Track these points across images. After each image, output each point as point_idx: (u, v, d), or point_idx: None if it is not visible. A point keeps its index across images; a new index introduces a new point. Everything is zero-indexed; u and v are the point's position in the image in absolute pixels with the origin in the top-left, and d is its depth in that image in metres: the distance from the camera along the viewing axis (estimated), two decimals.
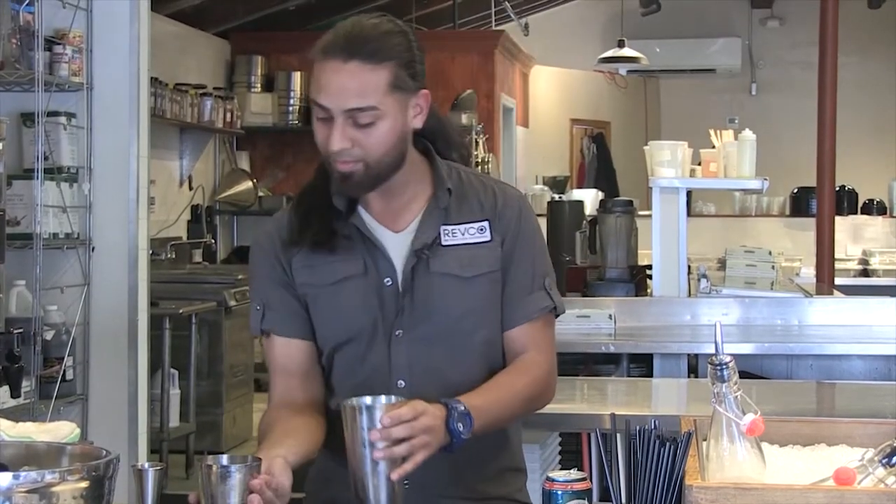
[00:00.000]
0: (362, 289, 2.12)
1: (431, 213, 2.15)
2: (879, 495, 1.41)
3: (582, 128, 12.86)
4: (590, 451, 3.64)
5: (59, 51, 4.60)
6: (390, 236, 2.14)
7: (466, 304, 2.11)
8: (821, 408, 3.73)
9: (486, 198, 2.18)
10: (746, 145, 5.26)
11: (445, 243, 2.13)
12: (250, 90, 9.31)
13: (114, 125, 4.72)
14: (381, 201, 2.14)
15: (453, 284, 2.11)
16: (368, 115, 2.01)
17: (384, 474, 1.86)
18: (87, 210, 4.69)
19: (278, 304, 2.18)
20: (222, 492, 1.83)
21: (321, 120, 2.04)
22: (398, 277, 2.12)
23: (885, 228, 9.82)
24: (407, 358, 2.11)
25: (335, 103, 2.01)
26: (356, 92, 2.00)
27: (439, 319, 2.11)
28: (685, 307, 5.13)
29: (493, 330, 2.15)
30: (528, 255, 2.19)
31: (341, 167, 2.04)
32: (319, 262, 2.14)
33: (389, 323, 2.12)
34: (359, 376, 2.14)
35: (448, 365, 2.12)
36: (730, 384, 1.56)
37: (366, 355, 2.13)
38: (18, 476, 1.52)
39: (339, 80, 2.01)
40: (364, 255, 2.13)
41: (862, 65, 11.64)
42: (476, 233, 2.14)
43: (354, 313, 2.13)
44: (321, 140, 2.05)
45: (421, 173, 2.17)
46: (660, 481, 1.49)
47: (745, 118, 10.91)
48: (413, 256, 2.12)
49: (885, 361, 4.59)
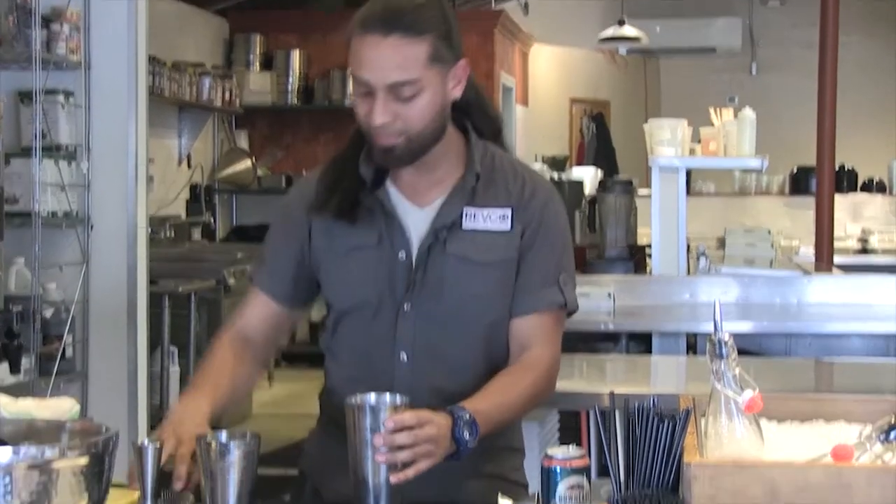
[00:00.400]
0: (374, 259, 2.14)
1: (457, 193, 2.14)
2: (877, 471, 1.41)
3: (581, 107, 12.84)
4: (588, 428, 3.65)
5: (57, 29, 4.59)
6: (413, 211, 2.15)
7: (477, 289, 2.11)
8: (819, 385, 3.73)
9: (515, 185, 2.18)
10: (746, 124, 5.26)
11: (466, 226, 2.13)
12: (249, 69, 9.29)
13: (112, 103, 4.71)
14: (411, 175, 2.15)
15: (467, 268, 2.12)
16: (410, 88, 2.02)
17: (385, 474, 1.86)
18: (85, 188, 4.68)
19: (274, 263, 2.24)
20: (221, 468, 1.83)
21: (362, 95, 2.04)
22: (413, 253, 2.13)
23: (884, 207, 9.83)
24: (413, 333, 2.12)
25: (377, 78, 2.01)
26: (398, 65, 2.01)
27: (449, 300, 2.12)
28: (684, 286, 5.13)
29: (499, 316, 2.15)
30: (547, 248, 2.17)
31: (383, 141, 2.05)
32: (338, 229, 2.16)
33: (399, 296, 2.13)
34: (362, 346, 2.17)
35: (451, 344, 2.13)
36: (728, 362, 1.56)
37: (371, 325, 2.15)
38: (18, 452, 1.53)
39: (381, 55, 2.01)
40: (381, 226, 2.14)
41: (862, 45, 11.62)
42: (498, 220, 2.14)
43: (363, 283, 2.14)
44: (363, 115, 2.05)
45: (456, 151, 2.17)
46: (658, 458, 1.49)
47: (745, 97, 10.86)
48: (431, 235, 2.12)
49: (884, 339, 4.60)
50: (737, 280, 5.16)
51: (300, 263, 2.21)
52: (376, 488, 1.87)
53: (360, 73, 2.02)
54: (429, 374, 2.12)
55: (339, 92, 9.31)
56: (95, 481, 1.57)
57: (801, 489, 1.40)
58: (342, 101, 9.17)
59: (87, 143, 4.69)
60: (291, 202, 2.26)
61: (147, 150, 4.87)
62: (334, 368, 2.25)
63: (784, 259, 6.06)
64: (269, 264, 2.25)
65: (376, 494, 1.87)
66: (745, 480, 1.40)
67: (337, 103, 9.27)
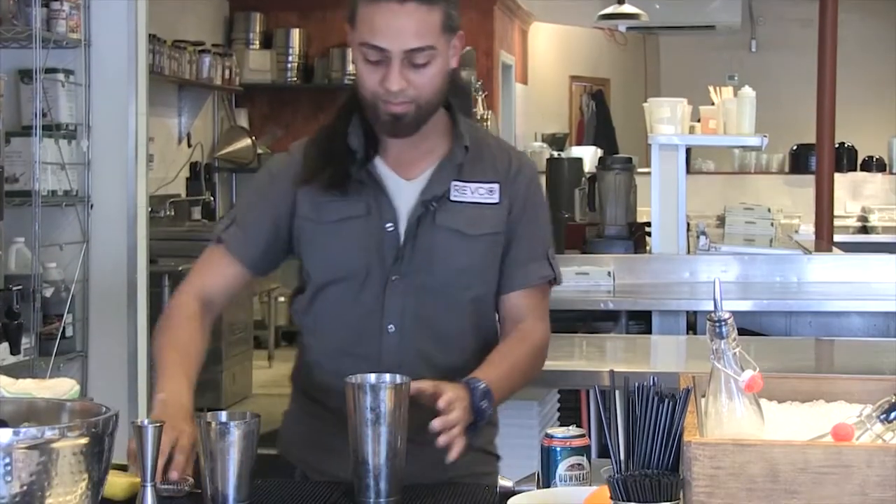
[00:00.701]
0: (362, 230, 2.15)
1: (445, 166, 2.17)
2: (877, 451, 1.41)
3: (581, 85, 12.81)
4: (588, 407, 3.66)
5: (57, 7, 4.58)
6: (401, 183, 2.17)
7: (465, 261, 2.14)
8: (819, 364, 3.73)
9: (501, 161, 2.21)
10: (746, 102, 5.25)
11: (454, 199, 2.16)
12: (249, 47, 9.26)
13: (112, 82, 4.70)
14: (399, 148, 2.17)
15: (456, 240, 2.14)
16: (425, 55, 2.04)
17: (385, 454, 1.87)
18: (85, 167, 4.68)
19: (249, 227, 2.22)
20: (221, 448, 1.83)
21: (371, 63, 2.05)
22: (401, 224, 2.14)
23: (884, 185, 9.82)
24: (401, 304, 2.13)
25: (395, 44, 2.03)
26: (415, 32, 2.03)
27: (438, 271, 2.14)
28: (684, 264, 5.14)
29: (485, 289, 2.19)
30: (534, 223, 2.22)
31: (394, 108, 2.06)
32: (326, 200, 2.16)
33: (387, 267, 2.14)
34: (349, 317, 2.17)
35: (439, 315, 2.15)
36: (728, 341, 1.56)
37: (358, 296, 2.15)
38: (18, 432, 1.52)
39: (399, 22, 2.02)
40: (369, 198, 2.15)
41: (862, 22, 11.58)
42: (486, 193, 2.17)
43: (351, 253, 2.15)
44: (371, 83, 2.06)
45: (443, 126, 2.19)
46: (658, 438, 1.49)
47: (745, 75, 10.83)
48: (421, 206, 2.14)
49: (884, 318, 4.60)
50: (737, 258, 5.17)
51: (276, 233, 2.20)
52: (376, 468, 1.87)
53: (375, 40, 2.03)
54: (416, 344, 2.13)
55: (339, 70, 9.28)
56: (95, 461, 1.57)
57: (801, 469, 1.39)
58: (342, 79, 9.14)
59: (88, 121, 4.68)
60: (276, 171, 2.26)
61: (147, 129, 4.86)
62: (314, 343, 2.24)
63: (784, 237, 6.05)
64: (244, 228, 2.22)
65: (376, 475, 1.87)
66: (745, 459, 1.40)
67: (336, 82, 9.24)
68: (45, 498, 1.52)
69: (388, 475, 1.87)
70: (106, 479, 1.63)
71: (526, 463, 2.06)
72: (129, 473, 1.90)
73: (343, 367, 2.08)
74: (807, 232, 7.45)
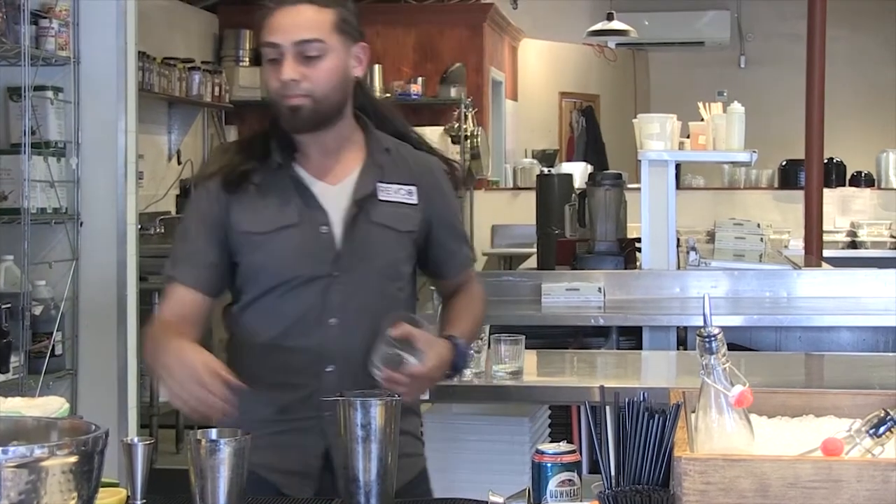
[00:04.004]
0: (297, 236, 2.27)
1: (369, 168, 2.33)
2: (867, 465, 1.41)
3: (571, 101, 12.84)
4: (579, 423, 3.66)
5: (46, 24, 4.58)
6: (327, 188, 2.30)
7: (396, 254, 2.32)
8: (809, 379, 3.74)
9: (415, 164, 2.39)
10: (735, 118, 5.26)
11: (381, 198, 2.32)
12: (238, 64, 9.27)
13: (101, 99, 4.70)
14: (317, 156, 2.31)
15: (390, 235, 2.31)
16: (315, 47, 2.22)
17: (376, 471, 1.86)
18: (74, 185, 4.67)
19: (197, 258, 2.31)
20: (211, 466, 1.83)
21: (271, 62, 2.24)
22: (334, 226, 2.28)
23: (872, 200, 9.83)
24: (343, 297, 2.27)
25: (286, 37, 2.21)
26: (305, 26, 2.21)
27: (375, 264, 2.30)
28: (674, 280, 5.14)
29: (407, 279, 2.37)
30: (454, 214, 2.47)
31: (290, 101, 2.23)
32: (257, 210, 2.28)
33: (328, 266, 2.27)
34: (291, 315, 2.28)
35: (376, 305, 2.27)
36: (718, 356, 1.56)
37: (300, 295, 2.27)
38: (7, 451, 1.52)
39: (290, 18, 2.22)
40: (299, 204, 2.28)
41: (851, 38, 11.63)
42: (406, 194, 2.35)
43: (290, 259, 2.27)
44: (273, 81, 2.25)
45: (356, 137, 2.36)
46: (649, 453, 1.49)
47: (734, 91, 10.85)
48: (354, 206, 2.29)
49: (873, 333, 4.61)
50: (726, 274, 5.17)
51: (220, 254, 2.30)
52: (367, 485, 1.87)
53: (270, 37, 2.23)
54: (358, 334, 2.25)
55: None
56: (85, 480, 1.57)
57: (791, 483, 1.40)
58: None
59: (77, 139, 4.68)
60: (202, 192, 2.34)
61: (137, 146, 4.85)
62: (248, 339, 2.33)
63: (773, 252, 6.06)
64: (190, 258, 2.31)
65: (367, 491, 1.87)
66: (735, 474, 1.41)
67: None
68: None
69: (379, 492, 1.87)
70: (96, 498, 1.63)
71: (517, 479, 2.06)
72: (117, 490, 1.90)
73: (283, 358, 2.26)
74: (796, 247, 7.46)
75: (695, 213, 8.41)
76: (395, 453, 1.89)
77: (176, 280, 2.30)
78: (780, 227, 8.56)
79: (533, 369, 3.54)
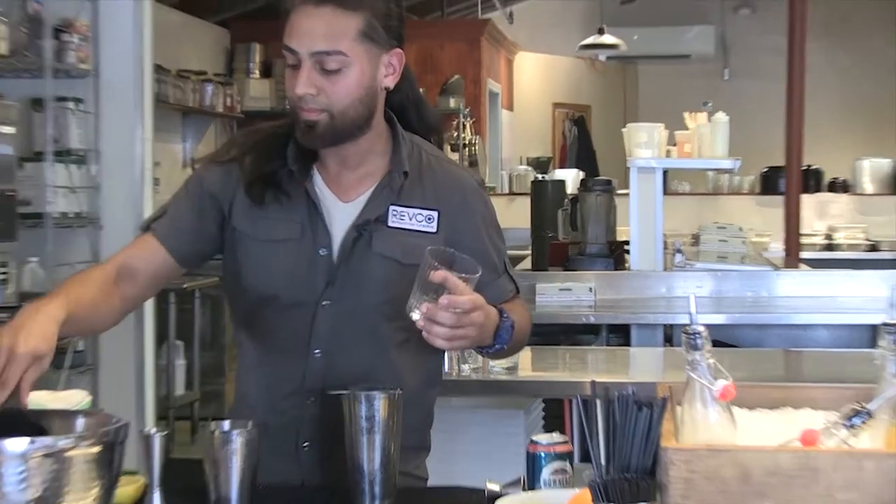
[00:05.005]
0: (294, 253, 2.00)
1: (383, 190, 2.02)
2: (843, 455, 1.42)
3: (564, 111, 12.84)
4: (571, 416, 3.66)
5: (67, 39, 4.59)
6: (338, 205, 2.02)
7: (398, 289, 1.90)
8: (788, 374, 3.74)
9: (444, 189, 2.06)
10: (719, 127, 5.26)
11: (391, 224, 2.01)
12: (249, 76, 9.27)
13: (119, 110, 4.71)
14: (336, 168, 2.03)
15: (391, 268, 1.99)
16: (335, 59, 1.90)
17: (379, 460, 1.87)
18: (94, 190, 4.68)
19: (177, 220, 2.07)
20: (224, 455, 1.83)
21: (291, 67, 1.92)
22: (334, 249, 2.00)
23: (848, 205, 9.83)
24: (329, 328, 2.00)
25: (303, 46, 1.90)
26: (324, 35, 1.89)
27: (368, 298, 1.99)
28: (661, 280, 5.14)
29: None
30: (487, 246, 2.08)
31: (306, 115, 1.92)
32: (260, 214, 2.02)
33: (318, 291, 2.00)
34: (275, 338, 2.05)
35: (365, 341, 2.01)
36: (703, 352, 1.56)
37: (287, 318, 2.02)
38: (34, 441, 1.52)
39: (309, 23, 1.90)
40: (304, 219, 2.01)
41: (829, 52, 11.62)
42: (424, 221, 2.02)
43: (282, 277, 2.01)
44: (289, 87, 1.93)
45: (383, 146, 2.04)
46: (637, 444, 1.49)
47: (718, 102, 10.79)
48: (355, 230, 2.00)
49: (848, 330, 4.61)
50: (710, 275, 5.17)
51: (202, 230, 2.06)
52: (371, 474, 1.87)
53: (289, 42, 1.91)
54: (341, 366, 2.00)
55: None
56: (106, 469, 1.57)
57: (771, 472, 1.40)
58: None
59: (96, 147, 4.69)
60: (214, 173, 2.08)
61: (153, 154, 4.86)
62: (244, 362, 2.13)
63: (755, 254, 6.06)
64: (173, 221, 2.07)
65: (371, 480, 1.87)
66: (718, 464, 1.41)
67: None
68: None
69: (382, 480, 1.87)
70: (117, 486, 1.63)
71: (512, 468, 2.06)
72: (135, 479, 1.90)
73: (268, 381, 2.05)
74: (776, 249, 7.45)
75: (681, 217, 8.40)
76: (397, 444, 1.89)
77: (150, 232, 2.07)
78: (762, 230, 8.55)
79: (528, 365, 3.54)
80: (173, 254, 2.06)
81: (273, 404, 2.06)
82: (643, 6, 11.29)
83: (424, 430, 2.19)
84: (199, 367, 6.87)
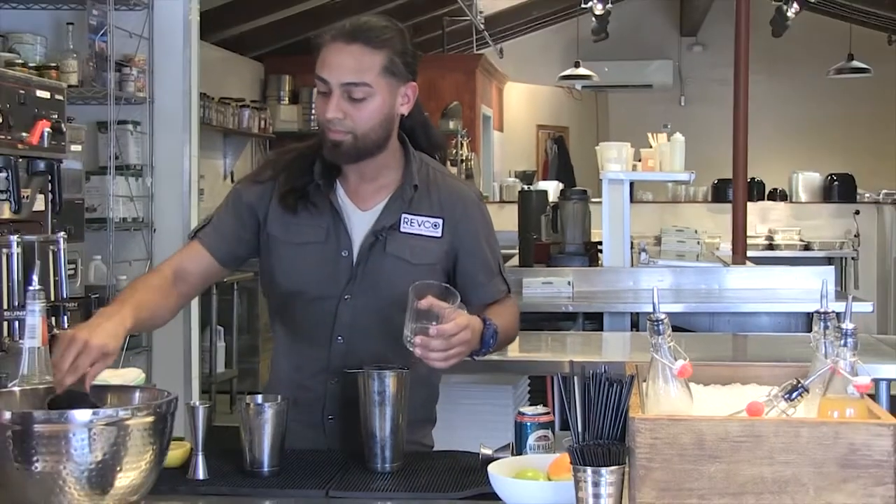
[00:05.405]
0: (320, 254, 2.02)
1: (396, 200, 2.03)
2: (782, 424, 1.41)
3: (546, 132, 12.84)
4: (553, 391, 3.65)
5: (127, 71, 4.60)
6: (357, 214, 2.04)
7: (408, 286, 1.88)
8: (736, 355, 3.73)
9: (446, 198, 2.07)
10: (677, 146, 5.26)
11: (403, 230, 2.03)
12: (280, 103, 9.27)
13: (170, 131, 4.71)
14: (356, 181, 2.04)
15: (402, 267, 2.01)
16: (361, 90, 1.92)
17: (390, 428, 1.86)
18: (149, 199, 4.68)
19: (220, 228, 2.08)
20: (258, 424, 1.83)
21: (322, 94, 1.94)
22: (354, 251, 2.02)
23: (786, 212, 9.85)
24: (350, 319, 2.02)
25: (334, 77, 1.91)
26: (353, 69, 1.91)
27: (384, 293, 2.01)
28: (629, 275, 5.14)
29: None
30: (482, 248, 2.09)
31: (333, 136, 1.94)
32: (291, 221, 2.04)
33: (340, 287, 2.01)
34: (304, 327, 2.06)
35: (382, 328, 2.01)
36: (664, 336, 1.56)
37: (314, 310, 2.03)
38: (97, 412, 1.52)
39: (341, 58, 1.92)
40: (329, 225, 2.02)
41: (768, 81, 11.63)
42: (430, 227, 2.04)
43: (309, 274, 2.02)
44: (321, 112, 1.95)
45: (396, 162, 2.05)
46: (609, 415, 1.49)
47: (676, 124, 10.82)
48: (372, 235, 2.02)
49: (786, 317, 4.61)
50: (671, 270, 5.17)
51: (243, 237, 2.07)
52: (382, 440, 1.87)
53: (322, 73, 1.93)
54: (360, 354, 2.01)
55: None
56: (159, 436, 1.57)
57: (721, 438, 1.40)
58: None
59: (151, 162, 4.69)
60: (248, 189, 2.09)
61: (198, 168, 4.86)
62: (278, 347, 2.13)
63: (708, 253, 6.06)
64: (217, 229, 2.08)
65: (382, 445, 1.87)
66: (677, 431, 1.41)
67: None
68: (119, 466, 1.52)
69: (392, 446, 1.87)
70: (168, 451, 1.63)
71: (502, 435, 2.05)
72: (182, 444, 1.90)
73: (298, 363, 2.06)
74: (726, 249, 7.45)
75: (645, 221, 8.40)
76: (405, 415, 1.89)
77: (197, 239, 2.07)
78: (713, 232, 8.55)
79: (515, 347, 3.53)
80: (217, 258, 2.08)
81: (302, 383, 2.06)
82: (613, 43, 11.28)
83: (430, 406, 2.20)
84: (236, 348, 6.87)
